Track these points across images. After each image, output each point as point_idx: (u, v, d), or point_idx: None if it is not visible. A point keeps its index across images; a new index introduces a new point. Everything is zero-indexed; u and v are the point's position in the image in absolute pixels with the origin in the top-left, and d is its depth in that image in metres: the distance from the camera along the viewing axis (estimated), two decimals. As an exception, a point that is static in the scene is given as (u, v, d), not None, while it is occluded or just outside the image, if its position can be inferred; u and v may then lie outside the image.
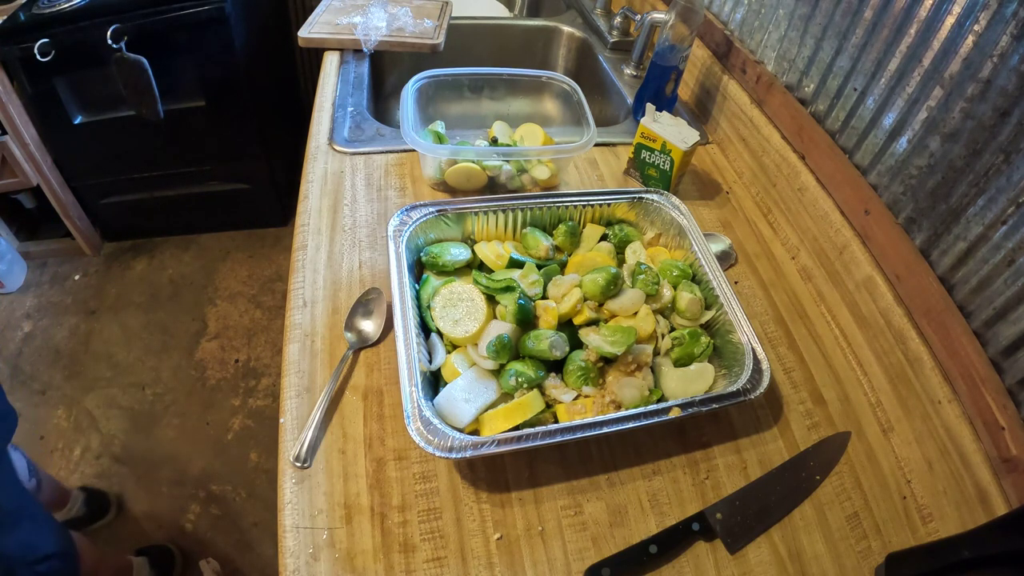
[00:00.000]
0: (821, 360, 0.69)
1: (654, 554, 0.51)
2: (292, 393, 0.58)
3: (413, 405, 0.52)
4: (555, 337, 0.59)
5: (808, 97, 0.79)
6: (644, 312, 0.64)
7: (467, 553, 0.51)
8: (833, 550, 0.55)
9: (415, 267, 0.68)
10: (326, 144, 0.86)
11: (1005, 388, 0.54)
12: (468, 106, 0.92)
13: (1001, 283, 0.54)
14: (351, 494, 0.53)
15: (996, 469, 0.54)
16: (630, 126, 0.99)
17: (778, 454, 0.61)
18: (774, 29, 0.84)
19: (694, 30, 0.88)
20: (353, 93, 0.96)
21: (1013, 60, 0.51)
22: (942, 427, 0.58)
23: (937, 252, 0.61)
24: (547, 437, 0.51)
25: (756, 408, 0.64)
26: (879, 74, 0.67)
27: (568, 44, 1.26)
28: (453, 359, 0.59)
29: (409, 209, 0.67)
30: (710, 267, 0.67)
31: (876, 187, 0.69)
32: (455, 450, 0.50)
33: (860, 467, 0.61)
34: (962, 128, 0.57)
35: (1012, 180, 0.52)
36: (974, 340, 0.56)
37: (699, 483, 0.58)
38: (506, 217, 0.70)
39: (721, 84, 0.96)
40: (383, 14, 1.09)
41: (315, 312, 0.65)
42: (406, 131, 0.74)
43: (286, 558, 0.48)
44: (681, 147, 0.80)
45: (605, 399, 0.58)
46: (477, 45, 1.23)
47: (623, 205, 0.74)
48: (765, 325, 0.73)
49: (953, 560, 0.48)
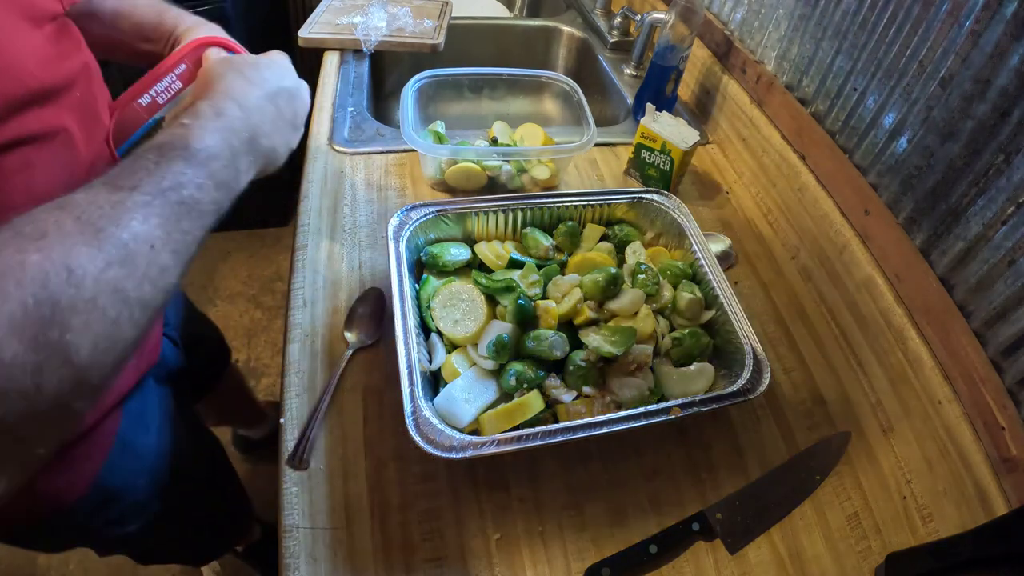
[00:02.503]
0: (821, 360, 0.69)
1: (654, 554, 0.51)
2: (292, 393, 0.58)
3: (413, 405, 0.52)
4: (555, 337, 0.59)
5: (808, 97, 0.79)
6: (644, 312, 0.64)
7: (467, 553, 0.51)
8: (833, 550, 0.55)
9: (415, 267, 0.68)
10: (326, 144, 0.86)
11: (1005, 388, 0.54)
12: (468, 106, 0.92)
13: (1001, 283, 0.54)
14: (351, 494, 0.53)
15: (996, 469, 0.54)
16: (630, 126, 0.99)
17: (778, 454, 0.61)
18: (774, 29, 0.84)
19: (694, 30, 0.88)
20: (353, 93, 0.96)
21: (1013, 60, 0.51)
22: (942, 427, 0.58)
23: (937, 252, 0.61)
24: (547, 437, 0.51)
25: (756, 408, 0.64)
26: (879, 74, 0.67)
27: (568, 44, 1.26)
28: (453, 359, 0.59)
29: (409, 209, 0.67)
30: (710, 267, 0.67)
31: (876, 187, 0.69)
32: (455, 450, 0.50)
33: (860, 467, 0.61)
34: (962, 128, 0.57)
35: (1012, 180, 0.52)
36: (974, 340, 0.56)
37: (699, 483, 0.58)
38: (506, 217, 0.70)
39: (721, 84, 0.96)
40: (383, 14, 1.09)
41: (315, 312, 0.65)
42: (406, 131, 0.74)
43: (286, 558, 0.48)
44: (681, 147, 0.80)
45: (605, 399, 0.58)
46: (477, 45, 1.23)
47: (623, 205, 0.74)
48: (765, 325, 0.73)
49: (953, 560, 0.49)
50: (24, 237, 0.29)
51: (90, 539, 0.72)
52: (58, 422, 0.30)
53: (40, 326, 0.28)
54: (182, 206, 0.36)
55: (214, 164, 0.39)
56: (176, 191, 0.36)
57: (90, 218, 0.31)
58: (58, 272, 0.29)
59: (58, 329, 0.28)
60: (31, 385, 0.27)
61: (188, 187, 0.37)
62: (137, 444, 0.67)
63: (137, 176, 0.35)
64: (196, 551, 0.99)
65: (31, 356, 0.27)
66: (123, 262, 0.31)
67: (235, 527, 1.05)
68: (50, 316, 0.28)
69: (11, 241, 0.29)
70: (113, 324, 0.31)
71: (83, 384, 0.30)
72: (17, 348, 0.27)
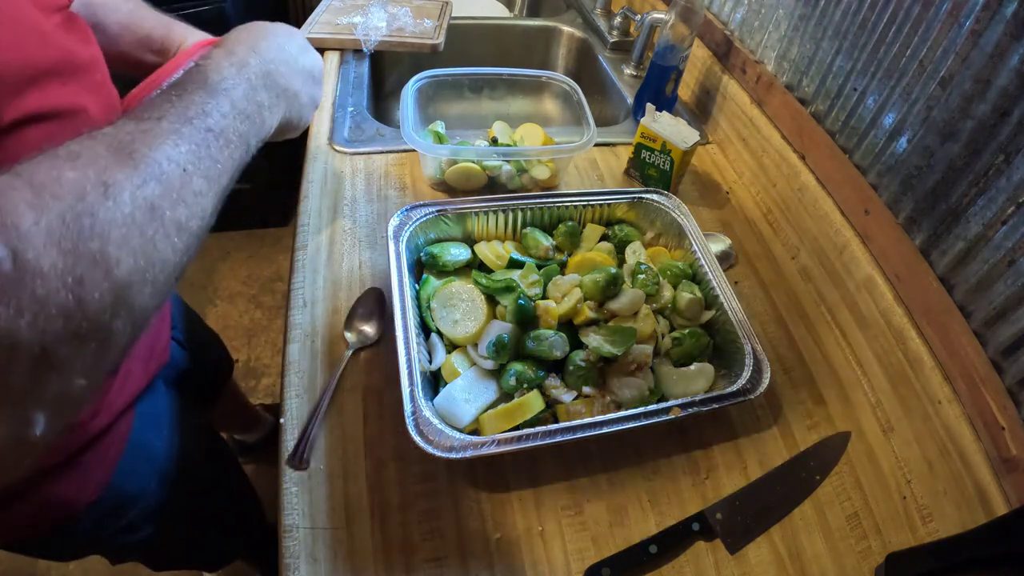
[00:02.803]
0: (821, 360, 0.69)
1: (654, 554, 0.51)
2: (292, 393, 0.58)
3: (413, 405, 0.52)
4: (555, 337, 0.59)
5: (808, 97, 0.79)
6: (644, 312, 0.64)
7: (467, 553, 0.51)
8: (833, 550, 0.55)
9: (415, 267, 0.68)
10: (326, 144, 0.86)
11: (1005, 388, 0.54)
12: (468, 106, 0.92)
13: (1001, 283, 0.54)
14: (351, 494, 0.53)
15: (996, 469, 0.54)
16: (630, 126, 0.99)
17: (778, 454, 0.61)
18: (774, 29, 0.84)
19: (694, 30, 0.88)
20: (353, 93, 0.96)
21: (1013, 60, 0.51)
22: (942, 427, 0.58)
23: (937, 252, 0.61)
24: (547, 437, 0.51)
25: (756, 408, 0.64)
26: (879, 74, 0.67)
27: (568, 44, 1.26)
28: (453, 359, 0.59)
29: (409, 209, 0.67)
30: (710, 267, 0.67)
31: (876, 187, 0.69)
32: (455, 450, 0.50)
33: (860, 467, 0.61)
34: (962, 128, 0.57)
35: (1012, 180, 0.52)
36: (974, 340, 0.56)
37: (699, 483, 0.58)
38: (506, 217, 0.70)
39: (721, 84, 0.96)
40: (383, 14, 1.09)
41: (315, 312, 0.65)
42: (406, 131, 0.74)
43: (286, 558, 0.48)
44: (681, 147, 0.80)
45: (605, 399, 0.58)
46: (477, 45, 1.23)
47: (623, 205, 0.74)
48: (765, 325, 0.73)
49: (953, 560, 0.49)
50: (57, 158, 0.29)
51: (102, 547, 0.72)
52: (98, 349, 0.29)
53: (79, 237, 0.27)
54: (209, 133, 0.37)
55: (235, 94, 0.41)
56: (202, 119, 0.37)
57: (121, 143, 0.32)
58: (95, 186, 0.29)
59: (98, 241, 0.28)
60: (71, 300, 0.27)
61: (213, 115, 0.38)
62: (149, 446, 0.67)
63: (162, 108, 0.36)
64: (209, 554, 0.99)
65: (71, 267, 0.27)
66: (158, 180, 0.32)
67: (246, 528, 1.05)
68: (89, 228, 0.28)
69: (45, 160, 0.29)
70: (150, 242, 0.31)
71: (122, 302, 0.29)
72: (56, 258, 0.26)
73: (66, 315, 0.27)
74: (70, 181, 0.28)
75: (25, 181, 0.27)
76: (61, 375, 0.28)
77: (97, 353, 0.29)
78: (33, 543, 0.63)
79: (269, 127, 0.45)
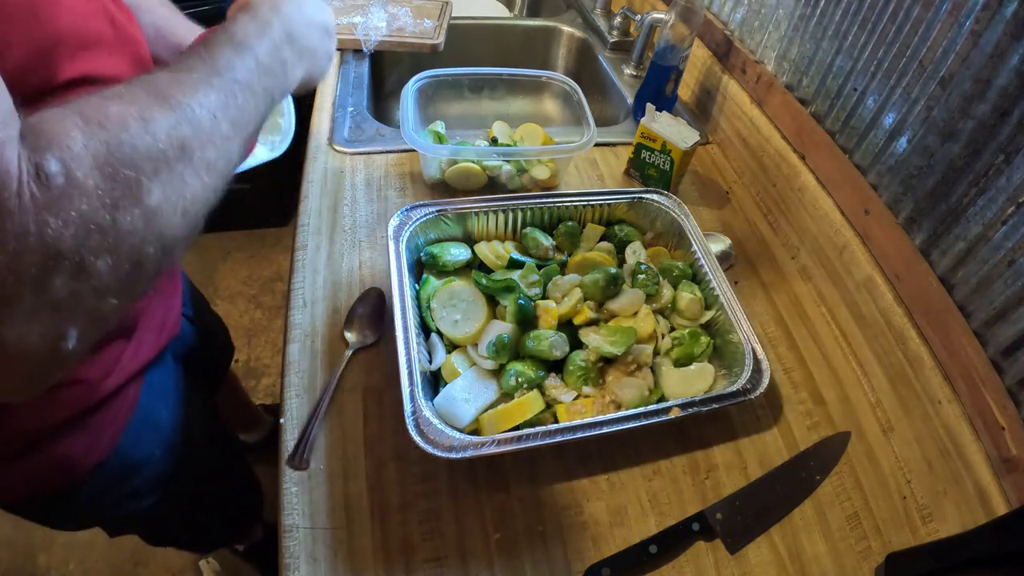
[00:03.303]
0: (821, 360, 0.69)
1: (654, 554, 0.51)
2: (292, 393, 0.58)
3: (413, 405, 0.52)
4: (555, 337, 0.59)
5: (808, 97, 0.79)
6: (644, 312, 0.64)
7: (467, 553, 0.51)
8: (833, 550, 0.55)
9: (415, 267, 0.68)
10: (326, 144, 0.86)
11: (1005, 388, 0.54)
12: (468, 106, 0.92)
13: (1001, 283, 0.54)
14: (351, 494, 0.53)
15: (996, 469, 0.54)
16: (630, 126, 0.99)
17: (778, 454, 0.61)
18: (774, 29, 0.84)
19: (694, 30, 0.88)
20: (353, 93, 0.96)
21: (1013, 60, 0.51)
22: (942, 427, 0.58)
23: (937, 252, 0.61)
24: (547, 437, 0.52)
25: (756, 408, 0.64)
26: (879, 74, 0.67)
27: (568, 44, 1.26)
28: (453, 359, 0.59)
29: (409, 209, 0.67)
30: (710, 267, 0.67)
31: (876, 187, 0.69)
32: (455, 450, 0.50)
33: (860, 467, 0.61)
34: (962, 128, 0.57)
35: (1012, 180, 0.52)
36: (974, 340, 0.56)
37: (699, 483, 0.58)
38: (506, 217, 0.70)
39: (721, 84, 0.96)
40: (383, 14, 1.09)
41: (315, 312, 0.65)
42: (406, 131, 0.74)
43: (286, 558, 0.48)
44: (681, 147, 0.80)
45: (605, 399, 0.58)
46: (477, 45, 1.23)
47: (623, 205, 0.74)
48: (765, 325, 0.73)
49: (953, 560, 0.49)
50: (104, 96, 0.33)
51: (104, 516, 0.73)
52: (131, 271, 0.32)
53: (120, 164, 0.31)
54: (236, 84, 0.40)
55: (259, 50, 0.44)
56: (229, 71, 0.40)
57: (157, 89, 0.35)
58: (136, 121, 0.32)
59: (134, 170, 0.31)
60: (108, 219, 0.30)
61: (239, 69, 0.41)
62: (156, 415, 0.68)
63: (191, 62, 0.39)
64: (204, 536, 1.01)
65: (109, 189, 0.30)
66: (190, 123, 0.35)
67: (244, 516, 1.06)
68: (129, 157, 0.31)
69: (90, 98, 0.32)
70: (179, 177, 0.34)
71: (152, 228, 0.33)
72: (98, 179, 0.30)
73: (103, 233, 0.30)
74: (115, 114, 0.32)
75: (75, 111, 0.31)
76: (96, 291, 0.31)
77: (131, 275, 0.33)
78: (37, 504, 0.64)
79: (292, 82, 0.49)
